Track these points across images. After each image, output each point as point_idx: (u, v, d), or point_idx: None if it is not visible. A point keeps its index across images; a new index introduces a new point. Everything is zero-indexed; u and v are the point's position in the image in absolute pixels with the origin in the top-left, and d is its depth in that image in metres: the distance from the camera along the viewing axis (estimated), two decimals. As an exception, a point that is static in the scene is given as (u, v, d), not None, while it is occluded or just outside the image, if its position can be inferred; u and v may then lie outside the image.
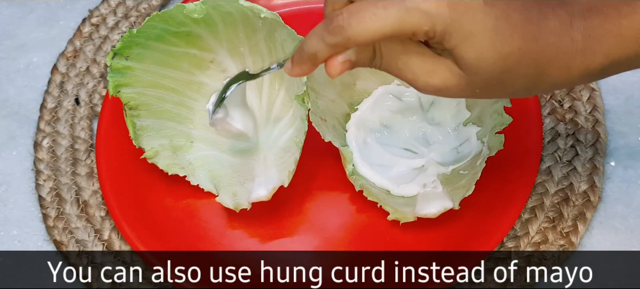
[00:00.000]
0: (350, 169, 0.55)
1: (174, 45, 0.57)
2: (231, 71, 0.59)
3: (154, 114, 0.57)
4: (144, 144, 0.56)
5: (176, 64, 0.58)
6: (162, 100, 0.58)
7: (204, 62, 0.59)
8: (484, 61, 0.39)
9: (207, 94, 0.59)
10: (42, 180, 0.61)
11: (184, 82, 0.59)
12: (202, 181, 0.57)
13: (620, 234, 0.56)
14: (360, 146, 0.58)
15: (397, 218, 0.53)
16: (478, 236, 0.54)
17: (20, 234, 0.59)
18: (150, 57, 0.56)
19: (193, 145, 0.59)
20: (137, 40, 0.55)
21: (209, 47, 0.58)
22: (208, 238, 0.57)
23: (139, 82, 0.56)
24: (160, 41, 0.56)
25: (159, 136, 0.57)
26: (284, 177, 0.54)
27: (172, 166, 0.57)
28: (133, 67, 0.55)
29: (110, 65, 0.55)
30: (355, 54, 0.40)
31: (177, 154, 0.58)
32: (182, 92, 0.59)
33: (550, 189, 0.57)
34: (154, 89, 0.57)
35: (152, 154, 0.56)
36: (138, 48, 0.55)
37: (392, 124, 0.59)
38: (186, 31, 0.56)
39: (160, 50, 0.56)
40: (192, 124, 0.59)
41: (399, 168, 0.57)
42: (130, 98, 0.56)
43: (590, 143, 0.59)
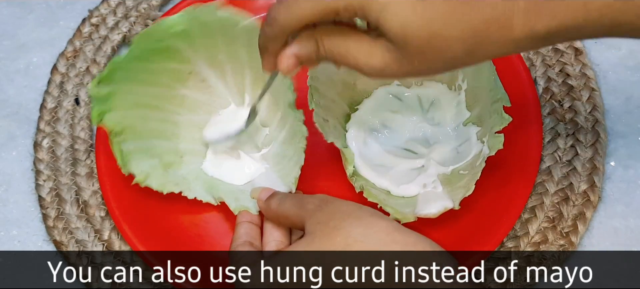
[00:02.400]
0: (351, 171, 0.55)
1: (152, 61, 0.56)
2: (210, 80, 0.59)
3: (139, 136, 0.56)
4: (133, 168, 0.55)
5: (156, 81, 0.57)
6: (146, 119, 0.57)
7: (183, 74, 0.58)
8: (409, 28, 0.39)
9: (189, 106, 0.59)
10: (42, 180, 0.61)
11: (165, 98, 0.58)
12: (199, 193, 0.57)
13: (620, 234, 0.56)
14: (361, 146, 0.58)
15: (398, 218, 0.53)
16: (478, 236, 0.54)
17: (20, 234, 0.59)
18: (130, 78, 0.55)
19: (183, 160, 0.59)
20: (121, 65, 0.54)
21: (187, 59, 0.57)
22: (208, 237, 0.57)
23: (122, 105, 0.55)
24: (139, 61, 0.55)
25: (148, 157, 0.56)
26: (290, 184, 0.55)
27: (166, 185, 0.56)
28: (115, 92, 0.54)
29: (93, 94, 0.53)
30: (298, 48, 0.43)
31: (169, 171, 0.57)
32: (165, 108, 0.58)
33: (550, 189, 0.57)
34: (136, 110, 0.56)
35: (143, 177, 0.55)
36: (121, 72, 0.54)
37: (392, 124, 0.59)
38: (164, 46, 0.56)
39: (139, 69, 0.56)
40: (179, 139, 0.59)
41: (399, 168, 0.57)
42: (114, 124, 0.55)
43: (590, 143, 0.59)
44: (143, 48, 0.55)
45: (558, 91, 0.62)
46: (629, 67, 0.63)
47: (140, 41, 0.54)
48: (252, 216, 0.55)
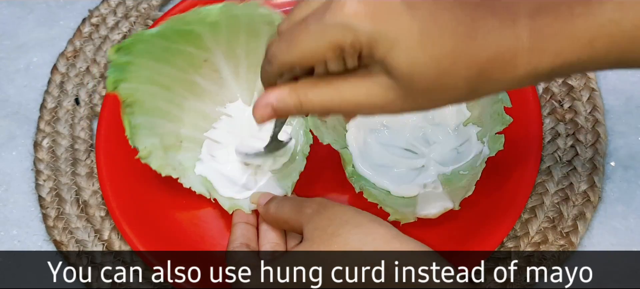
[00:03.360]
0: (350, 171, 0.55)
1: (173, 41, 0.56)
2: (223, 72, 0.59)
3: (146, 111, 0.56)
4: (138, 143, 0.55)
5: (172, 61, 0.57)
6: (155, 97, 0.57)
7: (198, 60, 0.58)
8: (417, 67, 0.37)
9: (198, 92, 0.59)
10: (42, 180, 0.61)
11: (177, 80, 0.58)
12: (194, 184, 0.57)
13: (620, 234, 0.56)
14: (361, 146, 0.58)
15: (398, 219, 0.53)
16: (478, 236, 0.54)
17: (20, 234, 0.59)
18: (150, 53, 0.55)
19: (182, 145, 0.59)
20: (144, 38, 0.54)
21: (206, 47, 0.58)
22: (208, 238, 0.57)
23: (136, 78, 0.55)
24: (162, 38, 0.55)
25: (151, 134, 0.56)
26: (287, 188, 0.54)
27: (164, 167, 0.56)
28: (132, 62, 0.54)
29: (112, 60, 0.53)
30: (276, 98, 0.41)
31: (168, 154, 0.57)
32: (174, 89, 0.58)
33: (550, 189, 0.57)
34: (148, 85, 0.56)
35: (145, 153, 0.55)
36: (142, 44, 0.54)
37: (393, 124, 0.59)
38: (188, 29, 0.56)
39: (158, 45, 0.55)
40: (182, 123, 0.59)
41: (399, 168, 0.57)
42: (127, 94, 0.54)
43: (590, 143, 0.59)
44: (169, 27, 0.55)
45: (558, 91, 0.62)
46: (629, 67, 0.63)
47: (171, 22, 0.54)
48: (247, 217, 0.55)
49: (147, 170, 0.57)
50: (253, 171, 0.58)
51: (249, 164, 0.58)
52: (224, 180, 0.57)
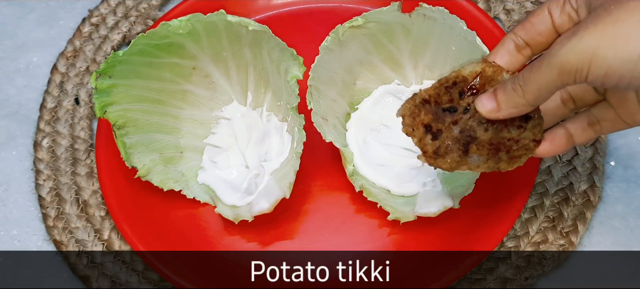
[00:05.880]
0: (351, 170, 0.55)
1: (155, 56, 0.56)
2: (214, 76, 0.59)
3: (141, 129, 0.57)
4: (136, 161, 0.56)
5: (159, 75, 0.57)
6: (148, 113, 0.57)
7: (187, 70, 0.59)
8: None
9: (191, 101, 0.60)
10: (42, 180, 0.61)
11: (168, 92, 0.58)
12: (198, 193, 0.57)
13: (620, 234, 0.56)
14: (361, 145, 0.58)
15: (398, 218, 0.53)
16: (478, 235, 0.54)
17: (20, 234, 0.59)
18: (133, 72, 0.56)
19: (183, 155, 0.59)
20: (120, 59, 0.54)
21: (191, 55, 0.58)
22: (208, 238, 0.57)
23: (124, 99, 0.56)
24: (142, 55, 0.55)
25: (149, 151, 0.57)
26: (285, 189, 0.54)
27: (166, 181, 0.56)
28: (117, 85, 0.55)
29: (95, 86, 0.54)
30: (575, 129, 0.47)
31: (169, 167, 0.57)
32: (167, 102, 0.59)
33: (550, 189, 0.57)
34: (139, 103, 0.57)
35: (144, 171, 0.56)
36: (121, 65, 0.55)
37: (392, 123, 0.59)
38: (168, 42, 0.56)
39: (142, 63, 0.56)
40: (180, 134, 0.59)
41: (399, 167, 0.57)
42: (117, 117, 0.55)
43: (590, 143, 0.59)
44: (145, 43, 0.55)
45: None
46: (629, 67, 0.63)
47: (142, 39, 0.54)
48: None
49: (147, 170, 0.58)
50: (254, 174, 0.58)
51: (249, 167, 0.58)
52: (226, 187, 0.57)
